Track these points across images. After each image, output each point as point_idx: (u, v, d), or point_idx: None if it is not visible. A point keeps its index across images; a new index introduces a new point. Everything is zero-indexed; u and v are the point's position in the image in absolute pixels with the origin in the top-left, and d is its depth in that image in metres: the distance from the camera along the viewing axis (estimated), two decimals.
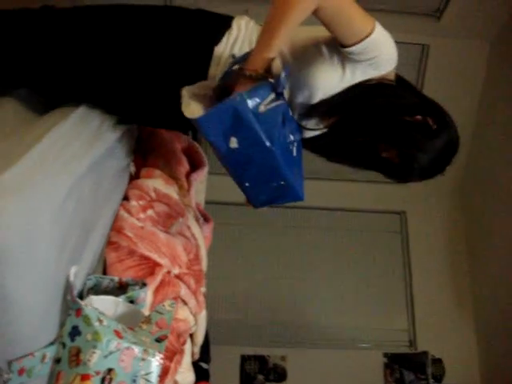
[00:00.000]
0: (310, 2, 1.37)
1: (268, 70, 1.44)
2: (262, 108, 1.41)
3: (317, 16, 1.42)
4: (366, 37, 1.45)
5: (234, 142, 1.42)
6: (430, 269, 4.52)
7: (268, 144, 1.43)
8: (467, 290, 4.49)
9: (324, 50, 1.56)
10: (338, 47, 1.53)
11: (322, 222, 4.65)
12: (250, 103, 1.39)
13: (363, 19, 1.47)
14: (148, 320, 1.53)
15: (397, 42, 1.57)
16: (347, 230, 4.66)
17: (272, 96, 1.44)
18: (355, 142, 1.69)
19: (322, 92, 1.61)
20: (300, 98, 1.64)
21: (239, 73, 1.44)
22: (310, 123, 1.69)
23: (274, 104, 1.44)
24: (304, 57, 1.58)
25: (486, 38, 4.10)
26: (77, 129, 1.61)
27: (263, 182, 1.57)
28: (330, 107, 1.64)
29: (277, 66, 1.47)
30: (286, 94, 1.62)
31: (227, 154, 1.46)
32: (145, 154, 2.16)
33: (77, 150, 1.54)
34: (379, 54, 1.51)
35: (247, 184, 1.59)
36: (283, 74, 1.42)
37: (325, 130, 1.71)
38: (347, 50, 1.49)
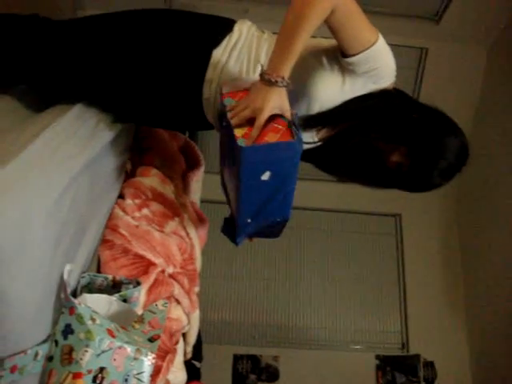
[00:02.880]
0: (329, 2, 1.35)
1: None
2: None
3: (329, 21, 1.41)
4: (371, 46, 1.46)
5: (266, 176, 1.39)
6: (424, 272, 4.53)
7: (294, 186, 1.45)
8: (460, 293, 4.51)
9: (324, 60, 1.56)
10: (338, 59, 1.53)
11: (317, 224, 4.66)
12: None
13: (370, 29, 1.48)
14: (141, 319, 1.53)
15: (396, 45, 1.57)
16: (342, 231, 4.67)
17: None
18: (366, 157, 1.65)
19: (320, 103, 1.59)
20: (296, 110, 1.59)
21: (261, 78, 1.38)
22: (305, 136, 1.64)
23: None
24: (303, 67, 1.55)
25: (484, 42, 4.12)
26: (73, 127, 1.61)
27: (266, 219, 1.56)
28: (329, 118, 1.62)
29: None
30: None
31: (252, 183, 1.42)
32: (141, 152, 2.16)
33: (73, 149, 1.54)
34: (380, 65, 1.51)
35: (249, 220, 1.55)
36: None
37: (319, 144, 1.69)
38: (349, 60, 1.49)
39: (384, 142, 1.59)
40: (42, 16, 1.75)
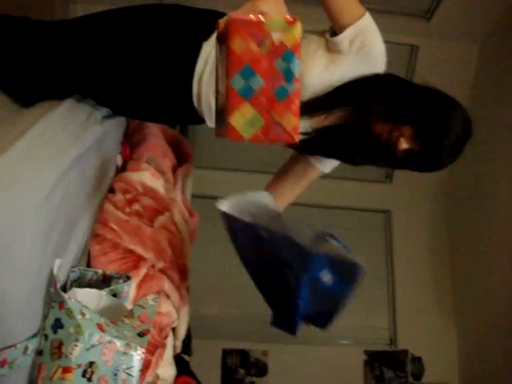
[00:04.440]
0: None
1: None
2: None
3: None
4: (357, 20, 1.48)
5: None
6: (413, 268, 4.55)
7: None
8: (448, 289, 4.53)
9: (311, 46, 1.58)
10: (324, 41, 1.55)
11: (306, 220, 4.65)
12: None
13: (358, 4, 1.52)
14: (131, 314, 1.54)
15: (386, 42, 1.57)
16: (331, 227, 4.63)
17: None
18: (373, 140, 1.65)
19: (310, 87, 1.58)
20: None
21: None
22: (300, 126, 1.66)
23: None
24: None
25: (475, 40, 4.13)
26: (64, 121, 1.61)
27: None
28: (322, 103, 1.61)
29: None
30: None
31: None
32: (132, 146, 2.16)
33: (63, 143, 1.54)
34: (368, 42, 1.52)
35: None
36: None
37: (314, 133, 1.69)
38: (337, 38, 1.51)
39: (388, 126, 1.59)
40: (34, 19, 1.74)
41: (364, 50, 1.54)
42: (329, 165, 1.87)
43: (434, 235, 4.67)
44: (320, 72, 1.57)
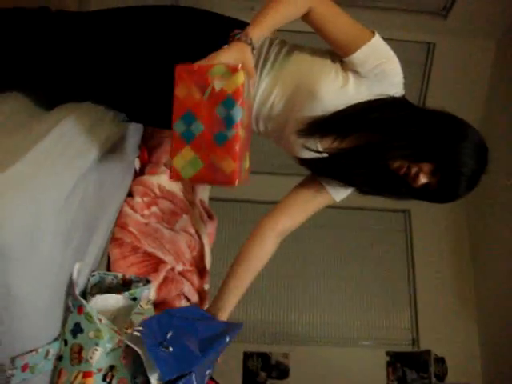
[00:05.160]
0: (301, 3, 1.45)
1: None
2: None
3: (309, 20, 1.48)
4: (366, 42, 1.47)
5: None
6: (434, 267, 4.52)
7: None
8: (470, 288, 4.49)
9: (328, 60, 1.57)
10: (342, 60, 1.53)
11: (326, 221, 4.64)
12: None
13: (359, 27, 1.50)
14: (130, 324, 1.52)
15: (403, 41, 1.57)
16: (351, 228, 4.66)
17: None
18: (390, 182, 1.64)
19: (322, 105, 1.56)
20: (299, 111, 1.60)
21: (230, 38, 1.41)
22: (310, 142, 1.63)
23: None
24: (309, 66, 1.57)
25: (492, 36, 4.10)
26: (82, 125, 1.59)
27: None
28: (332, 125, 1.59)
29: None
30: (284, 106, 1.61)
31: None
32: (149, 150, 2.16)
33: (82, 146, 1.53)
34: (383, 62, 1.50)
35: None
36: None
37: (325, 155, 1.65)
38: (349, 58, 1.50)
39: (404, 162, 1.56)
40: (54, 9, 1.74)
41: (378, 70, 1.52)
42: (342, 194, 1.83)
43: (455, 234, 4.64)
44: (334, 90, 1.55)
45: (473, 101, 4.20)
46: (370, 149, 1.58)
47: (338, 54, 1.55)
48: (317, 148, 1.64)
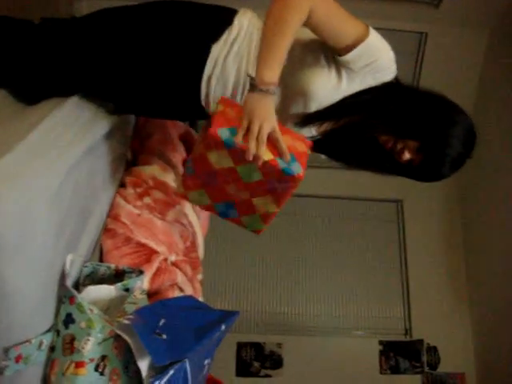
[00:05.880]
0: (305, 2, 1.38)
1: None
2: None
3: (310, 22, 1.44)
4: (361, 41, 1.46)
5: None
6: (426, 257, 4.53)
7: None
8: (463, 278, 4.50)
9: (322, 58, 1.56)
10: (335, 57, 1.53)
11: (319, 210, 4.65)
12: None
13: (355, 23, 1.49)
14: (123, 313, 1.52)
15: (395, 30, 1.57)
16: (344, 218, 4.66)
17: None
18: (375, 153, 1.66)
19: (317, 102, 1.59)
20: (294, 109, 1.63)
21: (254, 89, 1.38)
22: (304, 131, 1.67)
23: None
24: (300, 64, 1.57)
25: (484, 26, 4.09)
26: (73, 116, 1.60)
27: None
28: (327, 114, 1.62)
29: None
30: (278, 105, 1.61)
31: None
32: (142, 140, 2.15)
33: (73, 137, 1.53)
34: (376, 59, 1.51)
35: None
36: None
37: (319, 137, 1.69)
38: (344, 58, 1.50)
39: (391, 138, 1.60)
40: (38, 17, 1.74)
41: (372, 66, 1.53)
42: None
43: (447, 223, 4.65)
44: (329, 88, 1.57)
45: (465, 90, 4.19)
46: (357, 124, 1.62)
47: (331, 50, 1.54)
48: (312, 134, 1.68)
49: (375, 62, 1.51)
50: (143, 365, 1.33)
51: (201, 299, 2.09)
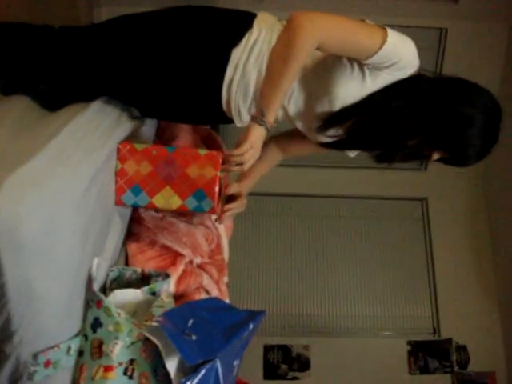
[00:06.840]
0: (312, 37, 1.40)
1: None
2: None
3: (323, 48, 1.46)
4: (380, 48, 1.44)
5: None
6: (453, 255, 4.48)
7: None
8: (491, 275, 4.45)
9: (344, 59, 1.55)
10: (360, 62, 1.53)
11: (344, 211, 4.62)
12: None
13: (370, 32, 1.47)
14: (151, 316, 1.52)
15: (415, 27, 1.55)
16: (369, 217, 4.63)
17: None
18: (401, 144, 1.64)
19: (342, 101, 1.58)
20: (319, 109, 1.63)
21: (255, 120, 1.49)
22: (330, 131, 1.67)
23: None
24: (323, 66, 1.57)
25: (504, 21, 4.05)
26: (96, 120, 1.60)
27: None
28: (353, 112, 1.61)
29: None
30: (302, 107, 1.65)
31: None
32: (164, 143, 2.15)
33: (96, 141, 1.54)
34: (400, 59, 1.49)
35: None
36: None
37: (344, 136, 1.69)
38: (365, 62, 1.49)
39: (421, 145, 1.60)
40: (58, 25, 1.75)
41: (396, 66, 1.51)
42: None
43: (474, 220, 4.59)
44: (353, 85, 1.57)
45: (487, 85, 4.13)
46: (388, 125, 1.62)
47: None
48: (338, 133, 1.68)
49: (398, 62, 1.50)
50: (172, 367, 1.33)
51: (227, 302, 2.09)
